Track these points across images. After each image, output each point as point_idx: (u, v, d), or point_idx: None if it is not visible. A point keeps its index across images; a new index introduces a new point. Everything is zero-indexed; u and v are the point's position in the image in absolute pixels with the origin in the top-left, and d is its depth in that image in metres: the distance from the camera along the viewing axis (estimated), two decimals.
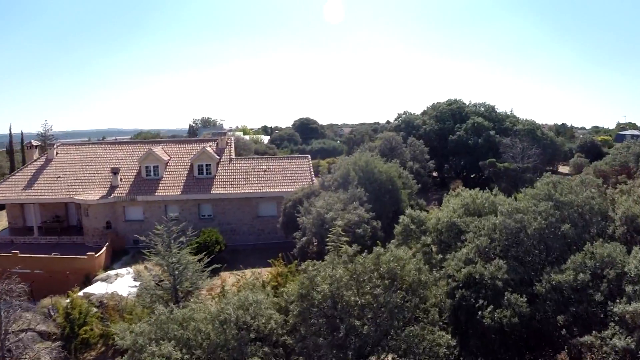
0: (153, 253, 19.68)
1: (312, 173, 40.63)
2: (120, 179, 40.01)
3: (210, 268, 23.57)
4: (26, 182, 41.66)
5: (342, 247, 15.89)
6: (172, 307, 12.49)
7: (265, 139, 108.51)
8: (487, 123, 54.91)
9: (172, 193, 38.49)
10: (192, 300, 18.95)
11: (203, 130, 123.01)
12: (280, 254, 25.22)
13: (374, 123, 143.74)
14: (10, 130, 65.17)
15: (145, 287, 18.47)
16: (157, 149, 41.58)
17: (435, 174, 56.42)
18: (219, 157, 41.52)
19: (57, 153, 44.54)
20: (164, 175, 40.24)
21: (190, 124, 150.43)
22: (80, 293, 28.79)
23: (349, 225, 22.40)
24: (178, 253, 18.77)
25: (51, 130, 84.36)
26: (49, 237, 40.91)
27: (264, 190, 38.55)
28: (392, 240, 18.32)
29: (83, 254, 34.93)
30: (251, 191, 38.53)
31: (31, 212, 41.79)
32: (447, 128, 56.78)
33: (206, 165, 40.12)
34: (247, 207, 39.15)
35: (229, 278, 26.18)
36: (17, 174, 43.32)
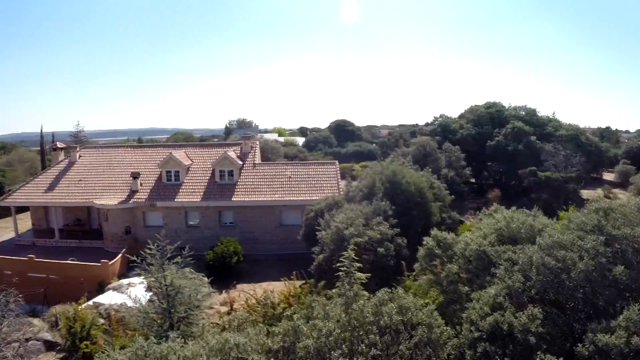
0: (145, 273, 18.18)
1: (339, 180, 38.83)
2: (141, 184, 39.19)
3: (208, 282, 22.05)
4: (48, 185, 41.48)
5: (354, 274, 14.16)
6: (152, 342, 10.95)
7: (300, 140, 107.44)
8: (528, 128, 51.59)
9: (192, 199, 37.36)
10: (190, 323, 17.57)
11: (238, 132, 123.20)
12: (294, 272, 23.61)
13: (413, 125, 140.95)
14: (41, 131, 65.80)
15: (137, 310, 16.95)
16: (179, 154, 40.60)
17: (472, 179, 53.50)
18: (242, 163, 40.22)
19: (79, 156, 44.30)
20: (184, 181, 39.19)
21: (226, 125, 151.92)
22: (90, 302, 27.96)
23: (370, 243, 20.57)
24: (172, 274, 17.18)
25: (83, 130, 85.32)
26: (69, 241, 40.64)
27: (287, 199, 36.95)
28: (415, 265, 16.44)
29: (102, 259, 34.21)
30: (274, 199, 36.99)
31: (54, 215, 41.50)
32: (485, 133, 53.82)
33: (228, 170, 38.85)
34: (270, 216, 37.65)
35: (239, 295, 24.62)
36: (40, 176, 43.22)
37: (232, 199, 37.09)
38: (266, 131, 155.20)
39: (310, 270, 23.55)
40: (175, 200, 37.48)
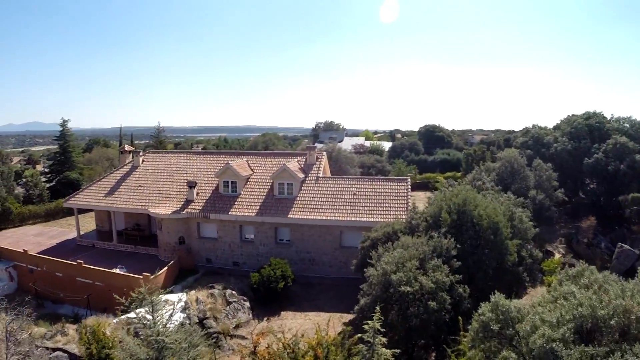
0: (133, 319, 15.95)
1: (408, 200, 35.26)
2: (197, 194, 37.99)
3: (248, 307, 19.57)
4: (109, 189, 41.63)
5: (378, 349, 11.04)
6: None
7: (387, 145, 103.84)
8: (632, 144, 44.15)
9: (247, 214, 35.45)
10: None
11: (324, 135, 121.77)
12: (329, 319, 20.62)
13: (509, 131, 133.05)
14: (120, 130, 67.32)
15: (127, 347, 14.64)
16: (239, 163, 38.97)
17: (565, 198, 47.07)
18: (304, 175, 37.81)
19: (143, 160, 44.09)
20: (242, 192, 37.44)
21: (314, 127, 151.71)
22: (124, 316, 26.56)
23: (422, 293, 17.19)
24: (162, 325, 14.81)
25: (164, 130, 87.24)
26: (126, 245, 40.86)
27: (348, 219, 33.94)
28: (465, 340, 12.98)
29: (155, 268, 33.92)
30: (334, 218, 34.13)
31: (114, 218, 41.80)
32: (582, 148, 47.12)
33: (287, 184, 36.56)
34: (329, 236, 34.90)
35: (263, 340, 21.89)
36: (103, 179, 43.41)
37: (289, 215, 34.72)
38: (355, 134, 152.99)
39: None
40: (229, 213, 35.80)
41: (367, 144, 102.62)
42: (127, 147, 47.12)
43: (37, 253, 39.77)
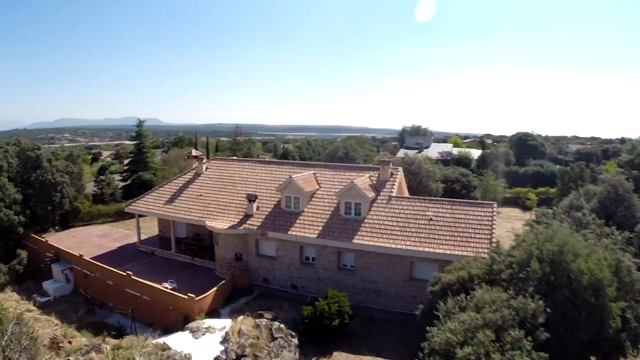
0: None
1: (493, 232, 31.01)
2: (257, 208, 35.91)
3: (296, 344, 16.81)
4: (170, 196, 40.97)
5: None
6: None
7: (476, 154, 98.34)
8: None
9: (307, 235, 32.88)
10: None
11: (411, 139, 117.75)
12: None
13: (606, 140, 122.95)
14: (195, 133, 67.13)
15: None
16: (304, 176, 36.56)
17: None
18: (374, 194, 34.56)
19: (206, 168, 42.89)
20: (304, 210, 34.92)
21: (401, 130, 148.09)
22: (161, 340, 25.00)
23: None
24: None
25: (242, 132, 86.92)
26: (184, 256, 40.20)
27: (420, 249, 30.24)
28: None
29: (208, 284, 32.77)
30: (405, 247, 30.54)
31: (177, 225, 41.31)
32: None
33: (355, 203, 33.49)
34: (398, 265, 31.41)
35: None
36: (166, 185, 42.67)
37: (354, 240, 31.66)
38: (444, 138, 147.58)
39: None
40: (289, 232, 33.33)
41: (455, 151, 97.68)
42: (194, 152, 46.15)
43: (97, 256, 40.02)
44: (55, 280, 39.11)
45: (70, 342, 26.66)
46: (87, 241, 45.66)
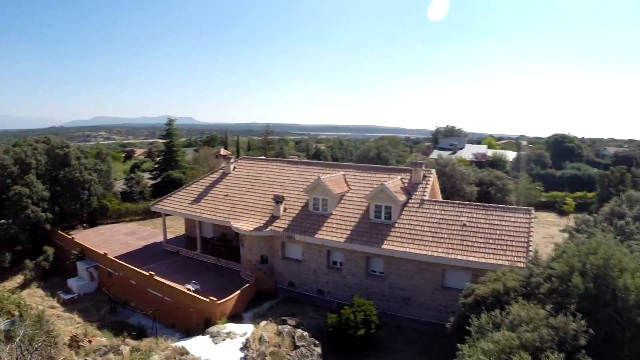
0: None
1: (530, 240, 29.55)
2: (284, 209, 35.21)
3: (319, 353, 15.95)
4: (196, 195, 40.61)
5: None
6: None
7: (511, 156, 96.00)
8: None
9: (335, 238, 32.03)
10: None
11: (445, 140, 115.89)
12: None
13: None
14: (225, 133, 67.13)
15: None
16: (334, 178, 35.73)
17: None
18: (406, 197, 33.41)
19: (234, 167, 42.42)
20: (332, 212, 34.02)
21: (434, 130, 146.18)
22: (179, 344, 24.52)
23: None
24: None
25: (272, 131, 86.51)
26: (209, 256, 39.91)
27: (453, 256, 28.98)
28: None
29: (232, 286, 32.35)
30: (436, 254, 29.33)
31: (203, 225, 41.13)
32: None
33: (385, 207, 32.45)
34: (429, 273, 30.24)
35: None
36: (193, 184, 42.40)
37: (383, 246, 30.62)
38: (478, 140, 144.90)
39: None
40: (316, 236, 32.51)
41: (490, 152, 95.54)
42: (222, 152, 45.80)
43: (122, 254, 40.11)
44: (80, 277, 39.32)
45: (90, 341, 26.59)
46: (114, 239, 45.85)
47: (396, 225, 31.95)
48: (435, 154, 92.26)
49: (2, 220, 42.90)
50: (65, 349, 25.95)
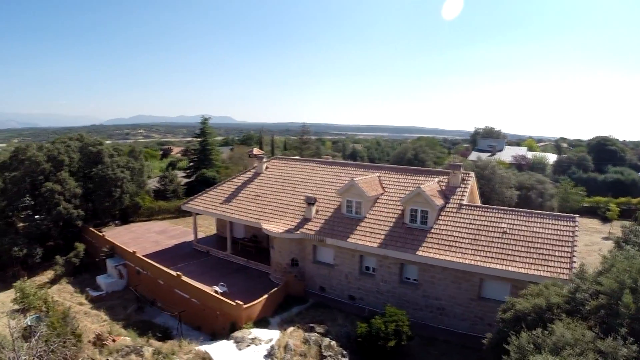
0: None
1: (574, 249, 27.94)
2: (317, 211, 34.48)
3: None
4: (227, 195, 40.34)
5: None
6: None
7: (551, 158, 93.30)
8: None
9: (368, 243, 31.08)
10: None
11: (483, 141, 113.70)
12: None
13: None
14: (260, 132, 66.96)
15: None
16: (368, 179, 34.88)
17: None
18: (443, 202, 32.22)
19: (266, 167, 41.93)
20: (366, 216, 33.08)
21: (473, 132, 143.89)
22: (202, 347, 24.13)
23: None
24: None
25: (309, 130, 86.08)
26: (239, 258, 39.55)
27: (491, 265, 27.64)
28: None
29: (261, 289, 31.88)
30: (474, 263, 28.05)
31: (234, 225, 41.05)
32: None
33: (421, 211, 31.31)
34: (466, 282, 28.98)
35: None
36: (224, 184, 42.15)
37: (418, 252, 29.49)
38: (517, 141, 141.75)
39: None
40: (348, 240, 31.64)
41: (529, 155, 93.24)
42: (255, 151, 45.35)
43: (152, 253, 40.26)
44: (109, 275, 39.56)
45: (114, 340, 26.48)
46: (144, 237, 46.04)
47: (432, 230, 30.78)
48: (473, 155, 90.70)
49: (37, 216, 43.61)
50: (89, 347, 25.95)
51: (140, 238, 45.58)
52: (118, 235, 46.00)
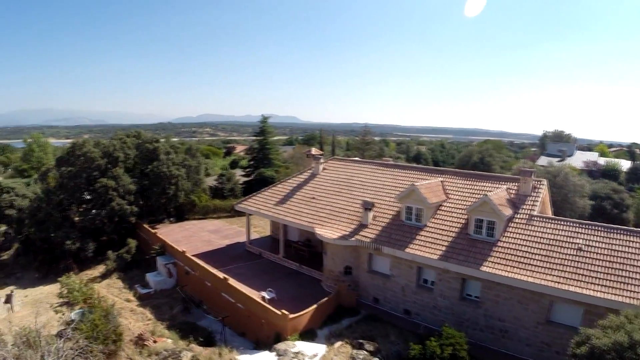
0: None
1: None
2: (374, 217, 32.93)
3: None
4: (282, 196, 39.72)
5: None
6: None
7: (625, 165, 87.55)
8: None
9: (427, 254, 29.28)
10: None
11: (553, 146, 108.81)
12: None
13: None
14: (320, 132, 66.04)
15: None
16: (430, 184, 33.17)
17: None
18: (512, 211, 29.85)
19: (323, 168, 40.82)
20: (427, 224, 31.26)
21: (541, 135, 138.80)
22: (242, 357, 23.12)
23: None
24: None
25: (370, 131, 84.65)
26: (291, 262, 38.86)
27: (565, 288, 25.08)
28: None
29: (312, 298, 30.78)
30: (545, 284, 25.62)
31: (288, 228, 40.32)
32: None
33: (488, 222, 29.15)
34: (533, 304, 26.58)
35: None
36: (279, 184, 41.44)
37: (482, 267, 27.38)
38: (589, 147, 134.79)
39: None
40: (406, 250, 30.00)
41: (602, 161, 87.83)
42: (313, 151, 44.39)
43: (203, 252, 40.25)
44: (158, 273, 39.72)
45: (155, 342, 26.09)
46: (197, 236, 46.02)
47: (499, 243, 28.56)
48: (542, 160, 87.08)
49: (93, 211, 44.35)
50: (130, 346, 25.63)
51: (192, 237, 45.56)
52: (171, 232, 46.22)
